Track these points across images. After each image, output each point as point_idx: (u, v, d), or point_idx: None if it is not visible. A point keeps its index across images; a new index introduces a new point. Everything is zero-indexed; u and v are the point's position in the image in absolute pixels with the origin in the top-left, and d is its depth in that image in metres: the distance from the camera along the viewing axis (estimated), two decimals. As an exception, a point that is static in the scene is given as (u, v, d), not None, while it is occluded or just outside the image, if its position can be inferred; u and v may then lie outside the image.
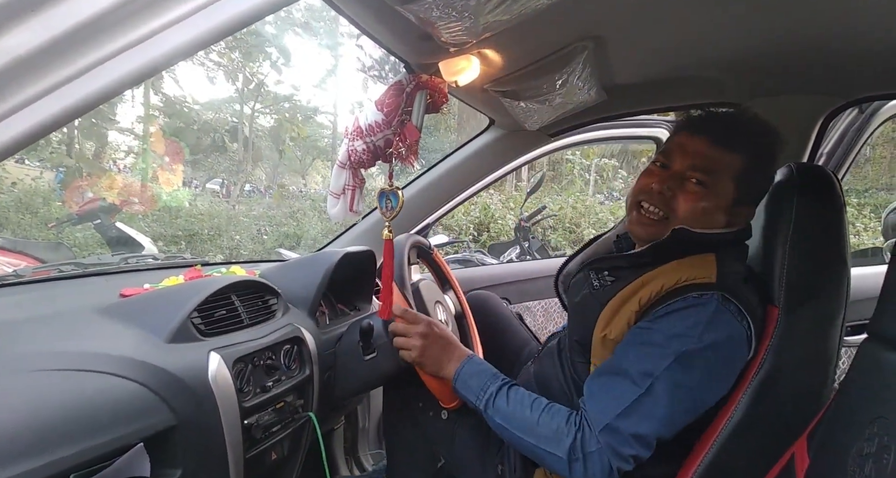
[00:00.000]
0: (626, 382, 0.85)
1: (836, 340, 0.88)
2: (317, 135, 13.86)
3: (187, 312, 0.92)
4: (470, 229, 5.70)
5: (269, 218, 7.01)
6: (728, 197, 0.92)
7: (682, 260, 0.91)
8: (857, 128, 1.63)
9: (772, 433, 0.87)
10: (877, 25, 0.89)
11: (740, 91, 1.31)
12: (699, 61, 1.12)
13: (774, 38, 0.97)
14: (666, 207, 0.93)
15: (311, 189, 12.75)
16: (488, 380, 0.97)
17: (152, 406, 0.78)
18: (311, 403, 1.13)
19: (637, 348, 0.87)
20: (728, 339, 0.84)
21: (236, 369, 0.94)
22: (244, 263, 1.41)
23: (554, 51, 0.99)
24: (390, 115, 0.94)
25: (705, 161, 0.92)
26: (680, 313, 0.85)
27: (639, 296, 0.89)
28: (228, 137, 9.13)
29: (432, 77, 0.97)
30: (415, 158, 0.94)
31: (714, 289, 0.84)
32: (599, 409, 0.85)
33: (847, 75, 1.15)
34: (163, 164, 6.72)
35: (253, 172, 11.32)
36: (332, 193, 1.01)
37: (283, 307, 1.16)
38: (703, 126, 0.96)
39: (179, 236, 5.91)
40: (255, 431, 0.96)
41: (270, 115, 10.56)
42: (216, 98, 10.57)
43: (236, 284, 1.06)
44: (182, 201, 6.52)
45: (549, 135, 1.54)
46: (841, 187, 0.91)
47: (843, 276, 0.89)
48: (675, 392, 0.83)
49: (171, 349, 0.87)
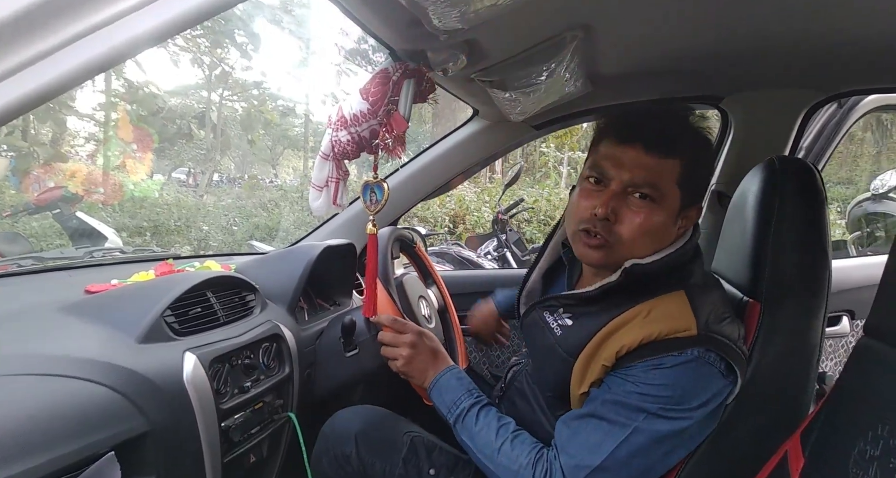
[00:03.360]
0: (600, 430, 0.79)
1: (819, 332, 0.89)
2: (288, 124, 13.58)
3: (160, 309, 0.88)
4: (445, 221, 5.68)
5: (239, 209, 6.84)
6: (676, 205, 0.84)
7: (654, 304, 0.82)
8: (835, 122, 1.66)
9: (758, 429, 0.87)
10: (858, 21, 0.89)
11: (723, 84, 1.31)
12: (684, 53, 1.11)
13: (757, 31, 0.97)
14: (609, 235, 0.83)
15: (283, 179, 12.50)
16: (462, 395, 0.94)
17: (123, 412, 0.74)
18: (290, 402, 1.09)
19: (614, 398, 0.80)
20: (713, 393, 0.79)
21: (213, 369, 0.90)
22: (218, 257, 1.35)
23: (544, 39, 0.96)
24: (376, 105, 0.90)
25: (646, 173, 0.82)
26: (662, 372, 0.78)
27: (614, 348, 0.81)
28: (196, 125, 8.83)
29: (419, 65, 0.93)
30: (402, 150, 0.90)
31: (696, 344, 0.78)
32: (576, 459, 0.80)
33: (828, 70, 1.16)
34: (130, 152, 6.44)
35: (221, 162, 11.02)
36: (314, 185, 0.97)
37: (261, 303, 1.12)
38: (632, 133, 0.84)
39: (144, 227, 5.71)
40: (233, 433, 0.93)
41: (239, 103, 10.27)
42: (182, 84, 10.21)
43: (212, 279, 1.01)
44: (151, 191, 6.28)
45: (534, 126, 1.52)
46: (822, 180, 0.92)
47: (825, 268, 0.89)
48: (658, 442, 0.78)
49: (143, 350, 0.82)
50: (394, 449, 1.00)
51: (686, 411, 0.78)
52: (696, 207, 0.89)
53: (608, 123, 0.90)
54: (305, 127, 12.60)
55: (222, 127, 9.55)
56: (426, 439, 1.03)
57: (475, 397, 0.94)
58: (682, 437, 0.80)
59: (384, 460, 0.99)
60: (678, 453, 0.81)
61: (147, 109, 7.62)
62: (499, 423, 0.90)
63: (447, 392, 0.96)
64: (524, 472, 0.83)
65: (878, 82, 1.25)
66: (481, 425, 0.90)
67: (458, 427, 0.92)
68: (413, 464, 0.99)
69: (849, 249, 2.72)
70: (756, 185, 0.95)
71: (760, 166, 0.96)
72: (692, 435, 0.81)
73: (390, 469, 0.99)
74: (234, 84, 9.76)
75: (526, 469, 0.83)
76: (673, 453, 0.81)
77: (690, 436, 0.81)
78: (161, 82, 9.11)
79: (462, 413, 0.92)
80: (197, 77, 9.65)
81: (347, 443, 1.01)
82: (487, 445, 0.88)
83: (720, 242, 1.13)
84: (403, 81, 0.91)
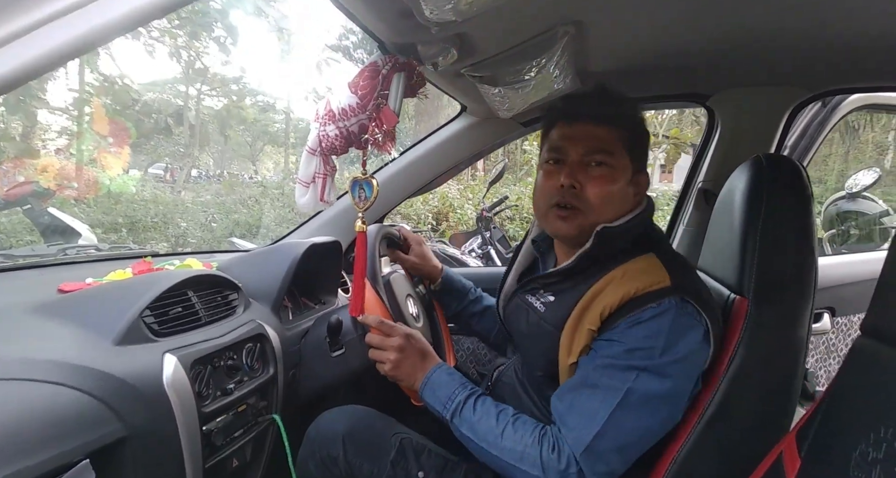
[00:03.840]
0: (595, 398, 0.82)
1: (806, 329, 0.89)
2: (268, 119, 13.41)
3: (138, 310, 0.85)
4: (429, 219, 5.65)
5: (218, 205, 6.71)
6: (628, 169, 0.93)
7: (628, 266, 0.88)
8: (819, 121, 1.69)
9: (747, 426, 0.87)
10: (843, 20, 0.90)
11: (710, 82, 1.32)
12: (672, 50, 1.11)
13: (745, 28, 0.97)
14: (579, 201, 0.91)
15: (263, 175, 12.33)
16: (457, 389, 0.94)
17: (99, 417, 0.71)
18: (275, 404, 1.07)
19: (604, 362, 0.84)
20: (692, 342, 0.83)
21: (194, 371, 0.87)
22: (199, 255, 1.31)
23: (536, 34, 0.95)
24: (365, 99, 0.88)
25: (597, 141, 0.91)
26: (644, 325, 0.83)
27: (597, 310, 0.86)
28: (173, 120, 8.63)
29: (409, 59, 0.91)
30: (392, 145, 0.88)
31: (672, 293, 0.83)
32: (576, 431, 0.82)
33: (814, 68, 1.17)
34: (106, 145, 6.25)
35: (199, 157, 10.82)
36: (300, 181, 0.94)
37: (245, 302, 1.09)
38: (578, 111, 0.94)
39: (120, 224, 5.56)
40: (215, 437, 0.90)
41: (218, 98, 10.08)
42: (158, 78, 9.99)
43: (193, 278, 0.98)
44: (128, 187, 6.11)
45: (522, 123, 1.51)
46: (809, 178, 0.92)
47: (812, 265, 0.89)
48: (649, 403, 0.81)
49: (120, 352, 0.79)
50: (382, 451, 0.99)
51: (671, 362, 0.81)
52: (643, 175, 0.98)
53: (554, 111, 0.99)
54: (286, 123, 12.44)
55: (201, 121, 9.37)
56: (415, 441, 1.01)
57: (469, 389, 0.94)
58: (670, 400, 0.83)
59: (372, 462, 0.98)
60: (670, 416, 0.85)
61: (121, 104, 7.41)
62: (497, 409, 0.91)
63: (440, 388, 0.95)
64: (531, 450, 0.84)
65: (861, 81, 1.27)
66: (480, 413, 0.90)
67: (456, 421, 0.91)
68: (402, 466, 0.97)
69: (824, 247, 2.77)
70: (743, 182, 0.95)
71: (747, 164, 0.96)
72: (679, 395, 0.85)
73: (378, 472, 0.97)
74: (212, 79, 9.57)
75: (532, 448, 0.84)
76: (665, 417, 0.84)
77: (677, 396, 0.84)
78: (136, 76, 8.89)
79: (459, 406, 0.91)
80: (174, 72, 9.46)
81: (334, 445, 0.99)
82: (490, 431, 0.88)
83: (707, 240, 1.13)
84: (393, 75, 0.89)
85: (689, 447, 0.87)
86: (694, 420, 0.87)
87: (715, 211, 1.08)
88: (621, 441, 0.81)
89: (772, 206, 0.88)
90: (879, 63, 1.08)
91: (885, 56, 1.03)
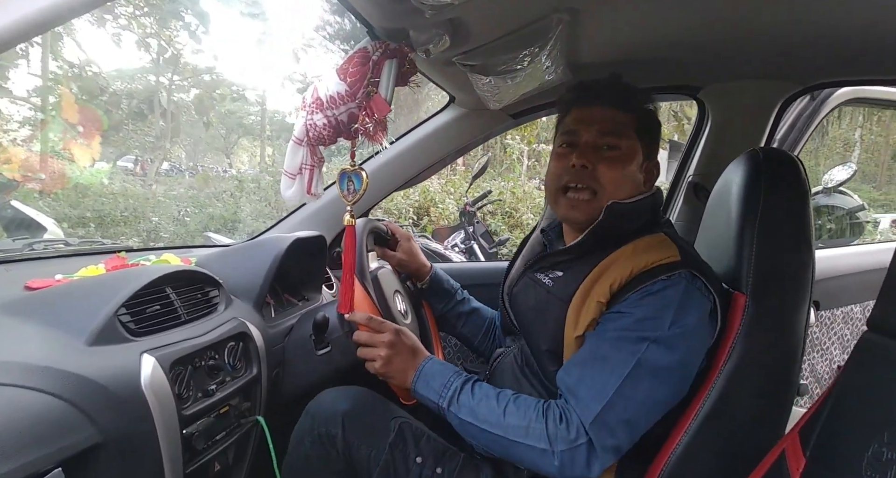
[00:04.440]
0: (605, 370, 0.82)
1: (803, 324, 0.89)
2: (243, 111, 13.14)
3: (113, 307, 0.80)
4: (410, 213, 5.60)
5: (191, 198, 6.54)
6: (639, 154, 0.96)
7: (638, 243, 0.90)
8: (808, 114, 1.71)
9: (743, 423, 0.87)
10: (833, 13, 0.89)
11: (702, 75, 1.31)
12: (665, 42, 1.09)
13: (738, 19, 0.96)
14: (592, 181, 0.93)
15: (237, 169, 12.08)
16: (451, 376, 0.92)
17: (72, 422, 0.66)
18: (258, 405, 1.03)
19: (613, 334, 0.84)
20: (700, 317, 0.85)
21: (174, 372, 0.83)
22: (176, 249, 1.26)
23: (531, 21, 0.92)
24: (354, 86, 0.84)
25: (611, 124, 0.94)
26: (655, 297, 0.84)
27: (607, 283, 0.87)
28: (145, 108, 8.38)
29: (401, 45, 0.87)
30: (384, 135, 0.84)
31: (681, 266, 0.85)
32: (585, 401, 0.82)
33: (804, 62, 1.17)
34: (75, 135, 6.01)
35: (171, 150, 10.54)
36: (286, 172, 0.90)
37: (226, 300, 1.04)
38: (593, 95, 0.97)
39: (87, 218, 5.38)
40: (196, 441, 0.86)
41: (190, 88, 9.83)
42: (128, 67, 9.67)
43: (171, 274, 0.93)
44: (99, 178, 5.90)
45: (511, 115, 1.48)
46: (805, 172, 0.92)
47: (809, 260, 0.89)
48: (658, 375, 0.82)
49: (94, 353, 0.75)
50: (381, 433, 0.97)
51: (679, 335, 0.82)
52: (654, 163, 1.00)
53: (570, 95, 1.01)
54: (262, 115, 12.22)
55: (172, 112, 9.11)
56: (414, 426, 1.00)
57: (465, 375, 0.92)
58: (677, 371, 0.84)
59: (370, 444, 0.96)
60: (677, 389, 0.85)
61: (88, 93, 7.14)
62: (495, 391, 0.90)
63: (434, 378, 0.92)
64: (536, 424, 0.83)
65: (850, 75, 1.28)
66: (479, 396, 0.89)
67: (454, 408, 0.89)
68: (400, 450, 0.96)
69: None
70: (740, 176, 0.94)
71: (744, 157, 0.96)
72: (686, 368, 0.85)
73: (376, 454, 0.95)
74: (183, 68, 9.32)
75: (538, 421, 0.83)
76: (673, 389, 0.84)
77: (685, 369, 0.85)
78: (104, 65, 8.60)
79: (455, 393, 0.89)
80: (143, 61, 9.16)
81: (334, 423, 0.97)
82: (491, 412, 0.86)
83: (700, 234, 1.12)
84: (384, 62, 0.85)
85: (687, 442, 0.86)
86: (691, 415, 0.87)
87: (710, 205, 1.07)
88: (630, 413, 0.81)
89: (769, 200, 0.88)
90: (869, 56, 1.08)
91: (875, 49, 1.03)
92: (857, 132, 12.32)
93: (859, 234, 2.60)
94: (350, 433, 0.96)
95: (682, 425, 0.87)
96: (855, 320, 1.74)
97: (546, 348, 0.94)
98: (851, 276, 1.70)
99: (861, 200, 2.64)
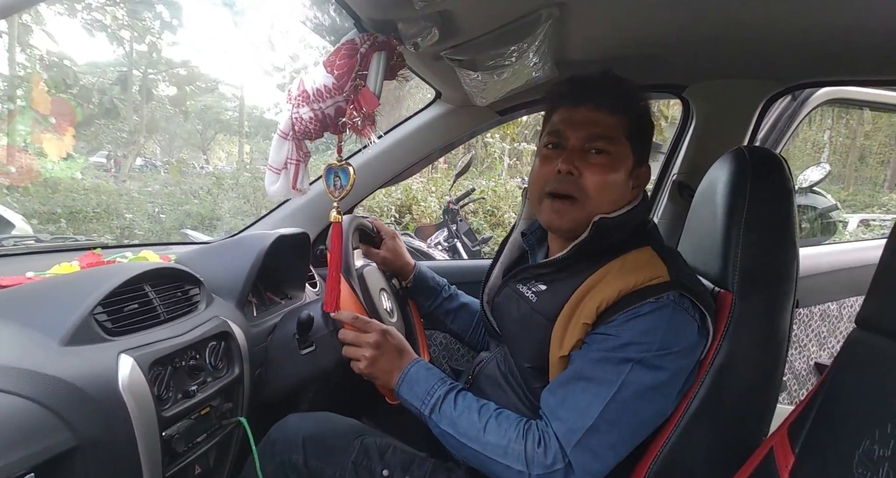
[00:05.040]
0: (588, 392, 0.80)
1: (788, 322, 0.90)
2: (220, 107, 12.91)
3: (89, 306, 0.77)
4: (392, 211, 5.57)
5: (167, 195, 6.39)
6: (629, 161, 0.91)
7: (626, 260, 0.87)
8: (789, 114, 1.74)
9: (730, 421, 0.87)
10: (815, 14, 0.90)
11: (687, 73, 1.32)
12: (652, 39, 1.10)
13: (720, 20, 0.97)
14: (577, 189, 0.88)
15: (214, 165, 11.86)
16: (436, 384, 0.90)
17: (46, 426, 0.63)
18: (240, 406, 1.00)
19: (597, 355, 0.82)
20: (688, 338, 0.83)
21: (153, 372, 0.80)
22: (154, 246, 1.22)
23: (521, 16, 0.91)
24: (342, 79, 0.82)
25: (600, 128, 0.89)
26: (642, 319, 0.81)
27: (593, 304, 0.84)
28: (118, 104, 8.14)
29: (389, 37, 0.86)
30: (372, 130, 0.82)
31: (670, 288, 0.82)
32: (567, 424, 0.80)
33: (787, 62, 1.18)
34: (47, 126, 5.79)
35: (146, 145, 10.28)
36: (271, 167, 0.87)
37: (207, 298, 1.01)
38: (584, 95, 0.91)
39: (58, 214, 5.21)
40: (176, 443, 0.83)
41: (165, 82, 9.59)
42: (101, 60, 9.40)
43: (150, 272, 0.90)
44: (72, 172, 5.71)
45: (498, 112, 1.47)
46: (790, 171, 0.93)
47: (793, 258, 0.90)
48: (645, 396, 0.80)
49: (69, 354, 0.72)
50: (344, 453, 0.95)
51: (667, 356, 0.80)
52: (645, 167, 0.95)
53: (560, 91, 0.96)
54: (241, 110, 12.01)
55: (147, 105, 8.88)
56: (378, 441, 0.98)
57: (449, 384, 0.91)
58: (663, 392, 0.82)
59: (334, 465, 0.94)
60: (661, 410, 0.84)
61: (58, 85, 6.90)
62: (479, 404, 0.88)
63: (418, 384, 0.91)
64: (514, 445, 0.81)
65: (831, 75, 1.30)
66: (461, 408, 0.87)
67: (435, 417, 0.87)
68: (364, 466, 0.94)
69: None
70: (726, 174, 0.94)
71: (729, 156, 0.96)
72: (672, 389, 0.84)
73: (340, 473, 0.93)
74: (157, 61, 9.08)
75: (517, 442, 0.81)
76: (657, 410, 0.83)
77: (670, 391, 0.84)
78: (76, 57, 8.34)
79: (438, 401, 0.88)
80: (117, 54, 8.90)
81: (295, 449, 0.95)
82: (472, 426, 0.85)
83: (686, 233, 1.13)
84: (373, 54, 0.84)
85: (674, 441, 0.86)
86: (678, 414, 0.87)
87: (695, 203, 1.08)
88: (615, 437, 0.79)
89: (755, 198, 0.88)
90: (849, 58, 1.10)
91: (855, 51, 1.05)
92: (827, 134, 12.66)
93: (832, 233, 2.66)
94: (312, 458, 0.94)
95: (670, 424, 0.87)
96: (832, 318, 1.79)
97: (529, 366, 0.93)
98: (827, 274, 1.74)
99: (834, 200, 2.71)
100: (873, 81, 1.35)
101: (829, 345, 1.84)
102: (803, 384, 1.83)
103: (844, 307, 1.81)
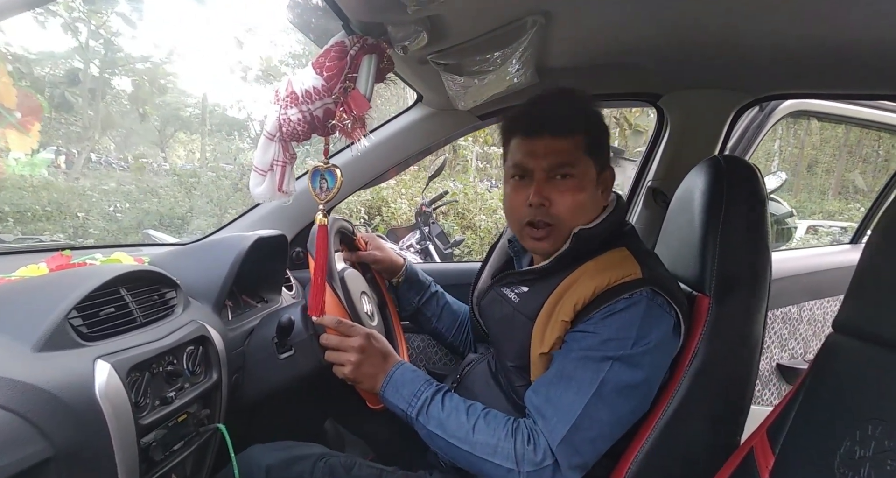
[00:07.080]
0: (570, 390, 0.83)
1: (762, 325, 0.94)
2: (179, 102, 12.49)
3: (64, 310, 0.73)
4: (361, 213, 5.51)
5: (124, 194, 6.13)
6: (592, 174, 0.94)
7: (599, 259, 0.91)
8: (756, 125, 1.82)
9: (707, 423, 0.91)
10: (786, 25, 0.94)
11: (663, 82, 1.36)
12: (631, 48, 1.13)
13: (695, 32, 1.01)
14: (550, 216, 0.92)
15: (173, 163, 11.46)
16: (422, 386, 0.91)
17: (19, 435, 0.60)
18: (218, 412, 0.97)
19: (578, 354, 0.85)
20: (663, 333, 0.86)
21: (130, 378, 0.77)
22: (126, 248, 1.17)
23: (509, 22, 0.93)
24: (331, 81, 0.82)
25: (562, 156, 0.92)
26: (617, 316, 0.85)
27: (571, 302, 0.87)
28: (70, 97, 7.76)
29: (379, 40, 0.86)
30: (362, 132, 0.82)
31: (644, 285, 0.86)
32: (552, 423, 0.83)
33: (756, 73, 1.24)
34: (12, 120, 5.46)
35: (99, 141, 9.84)
36: (256, 169, 0.86)
37: (184, 301, 0.98)
38: (541, 125, 0.93)
39: (5, 213, 4.93)
40: (153, 451, 0.80)
41: (122, 76, 9.21)
42: (54, 52, 8.95)
43: (126, 275, 0.86)
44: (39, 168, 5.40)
45: (479, 116, 1.49)
46: (763, 179, 0.97)
47: (766, 263, 0.94)
48: (623, 393, 0.83)
49: (43, 360, 0.68)
50: (310, 477, 0.96)
51: (644, 353, 0.83)
52: (608, 170, 0.99)
53: (513, 121, 0.98)
54: (203, 107, 11.65)
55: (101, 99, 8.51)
56: (342, 460, 0.98)
57: (436, 385, 0.92)
58: (641, 389, 0.86)
59: None
60: (638, 407, 0.87)
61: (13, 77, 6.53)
62: (466, 404, 0.89)
63: (404, 386, 0.91)
64: (504, 444, 0.83)
65: (797, 88, 1.37)
66: (449, 409, 0.88)
67: (422, 419, 0.88)
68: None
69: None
70: (703, 182, 0.98)
71: (705, 164, 1.00)
72: (650, 384, 0.87)
73: None
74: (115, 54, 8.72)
75: (506, 441, 0.83)
76: (633, 408, 0.86)
77: (648, 385, 0.87)
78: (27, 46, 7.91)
79: (425, 403, 0.89)
80: (71, 46, 8.50)
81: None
82: (460, 426, 0.86)
83: (662, 238, 1.16)
84: (363, 57, 0.83)
85: (652, 443, 0.89)
86: (656, 417, 0.90)
87: (671, 210, 1.12)
88: (596, 432, 0.82)
89: (731, 205, 0.92)
90: (815, 71, 1.16)
91: (821, 65, 1.11)
92: (777, 143, 13.25)
93: (788, 239, 2.79)
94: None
95: (649, 425, 0.90)
96: (793, 321, 1.87)
97: (512, 365, 0.95)
98: (788, 279, 1.83)
99: (790, 207, 2.84)
100: (835, 95, 1.43)
101: (789, 347, 1.92)
102: (766, 385, 1.91)
103: (804, 310, 1.89)
